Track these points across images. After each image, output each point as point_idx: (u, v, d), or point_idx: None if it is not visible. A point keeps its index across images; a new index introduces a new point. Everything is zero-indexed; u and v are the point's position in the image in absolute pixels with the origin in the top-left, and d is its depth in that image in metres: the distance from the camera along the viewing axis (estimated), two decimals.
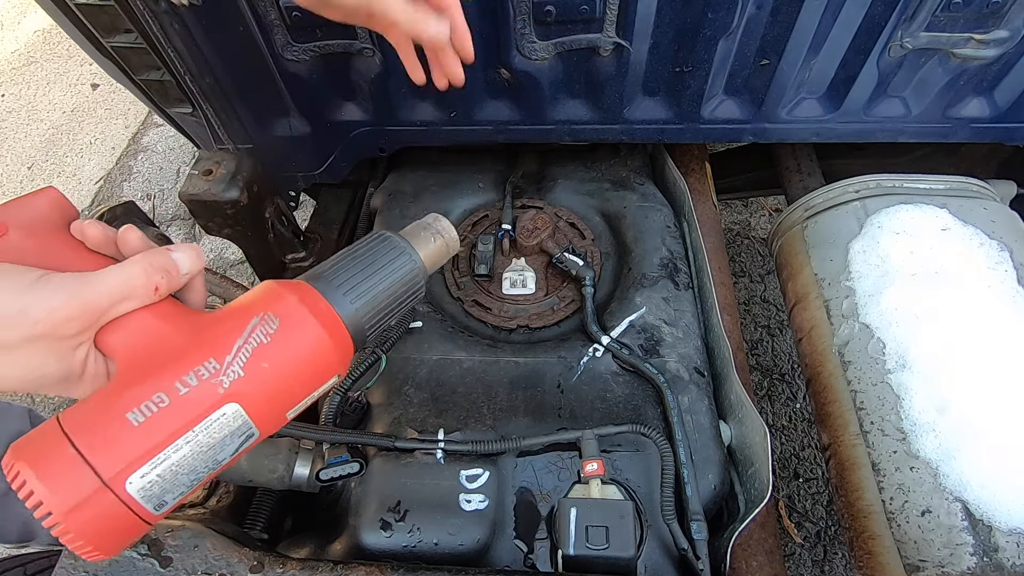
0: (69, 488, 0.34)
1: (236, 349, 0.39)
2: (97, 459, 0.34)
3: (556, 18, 0.78)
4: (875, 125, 0.93)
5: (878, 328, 0.81)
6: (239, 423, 0.39)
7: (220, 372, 0.39)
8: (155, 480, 0.36)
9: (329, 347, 0.43)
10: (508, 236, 0.92)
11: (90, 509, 0.34)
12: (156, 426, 0.36)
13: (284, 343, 0.41)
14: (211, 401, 0.38)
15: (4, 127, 2.71)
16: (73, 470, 0.34)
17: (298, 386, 0.42)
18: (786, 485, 1.50)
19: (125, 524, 0.36)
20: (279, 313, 0.42)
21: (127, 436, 0.36)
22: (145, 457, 0.36)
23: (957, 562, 0.67)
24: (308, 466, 0.67)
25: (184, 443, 0.37)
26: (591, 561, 0.61)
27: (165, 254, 0.42)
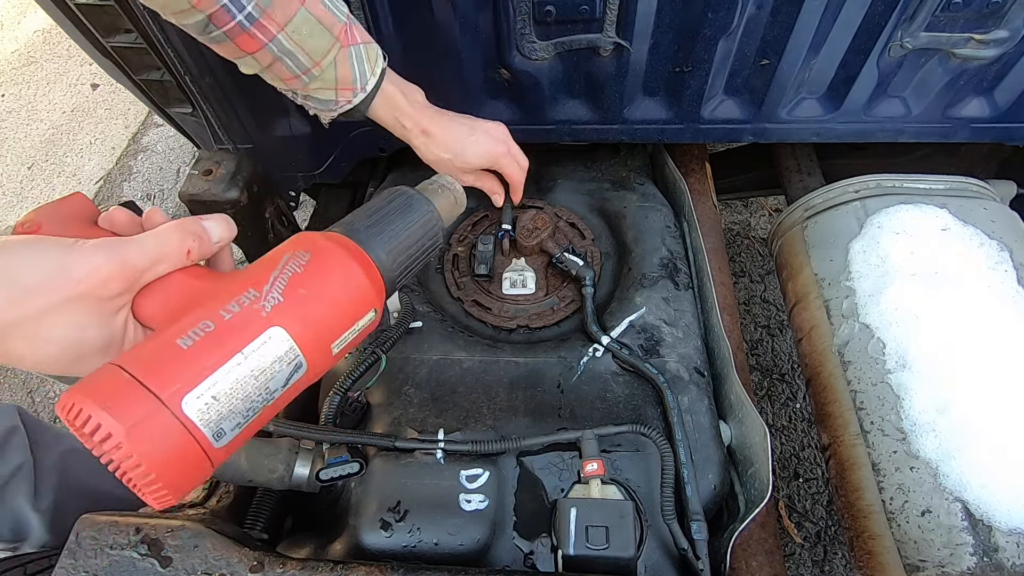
0: (128, 409, 0.33)
1: (273, 279, 0.41)
2: (152, 380, 0.35)
3: (556, 18, 0.78)
4: (875, 125, 0.93)
5: (878, 328, 0.81)
6: (285, 348, 0.40)
7: (261, 299, 0.40)
8: (211, 402, 0.36)
9: (360, 275, 0.45)
10: (508, 236, 0.92)
11: (151, 430, 0.34)
12: (206, 348, 0.37)
13: (317, 272, 0.43)
14: (256, 324, 0.39)
15: (4, 127, 2.71)
16: (130, 392, 0.34)
17: (337, 315, 0.43)
18: (786, 485, 1.50)
19: (189, 452, 0.35)
20: (309, 248, 0.44)
21: (179, 358, 0.36)
22: (199, 377, 0.36)
23: (957, 562, 0.67)
24: (308, 466, 0.67)
25: (235, 365, 0.37)
26: (591, 561, 0.61)
27: (197, 222, 0.44)
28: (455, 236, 0.97)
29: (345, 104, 0.70)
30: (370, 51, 0.68)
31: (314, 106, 0.71)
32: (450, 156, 0.78)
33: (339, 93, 0.68)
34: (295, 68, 0.64)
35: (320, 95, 0.68)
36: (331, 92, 0.68)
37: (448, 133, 0.77)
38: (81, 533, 0.60)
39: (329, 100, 0.69)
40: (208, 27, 0.59)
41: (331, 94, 0.68)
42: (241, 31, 0.59)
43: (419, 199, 0.54)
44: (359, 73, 0.68)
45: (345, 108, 0.70)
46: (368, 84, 0.69)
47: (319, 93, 0.68)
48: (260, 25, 0.59)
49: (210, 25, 0.59)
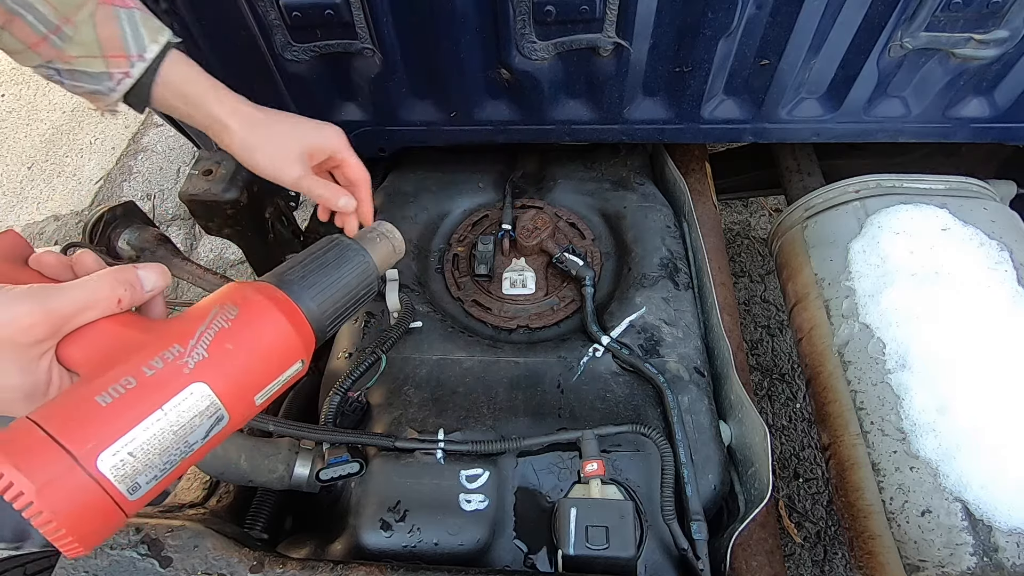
0: (40, 467, 0.33)
1: (199, 334, 0.41)
2: (67, 438, 0.34)
3: (556, 18, 0.78)
4: (875, 125, 0.93)
5: (878, 328, 0.81)
6: (207, 403, 0.40)
7: (185, 355, 0.40)
8: (127, 459, 0.36)
9: (287, 329, 0.45)
10: (508, 236, 0.92)
11: (63, 488, 0.34)
12: (124, 405, 0.37)
13: (244, 326, 0.43)
14: (178, 381, 0.39)
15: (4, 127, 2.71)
16: (43, 450, 0.34)
17: (262, 368, 0.43)
18: (786, 485, 1.50)
19: (100, 508, 0.35)
20: (237, 302, 0.44)
21: (96, 415, 0.36)
22: (115, 434, 0.36)
23: (957, 562, 0.67)
24: (308, 466, 0.67)
25: (154, 421, 0.37)
26: (591, 561, 0.61)
27: (131, 270, 0.43)
28: (455, 236, 0.97)
29: (122, 77, 0.56)
30: (148, 20, 0.58)
31: (87, 87, 0.57)
32: (270, 149, 0.63)
33: (110, 62, 0.55)
34: (39, 25, 0.53)
35: (87, 67, 0.56)
36: (99, 62, 0.55)
37: (262, 124, 0.64)
38: None
39: (100, 74, 0.56)
40: None
41: (99, 64, 0.55)
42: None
43: (355, 249, 0.54)
44: (132, 37, 0.56)
45: (125, 84, 0.57)
46: (148, 52, 0.57)
47: (85, 64, 0.55)
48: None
49: None
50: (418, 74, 0.88)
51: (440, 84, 0.89)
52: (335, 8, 0.77)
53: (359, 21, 0.80)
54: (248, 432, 0.70)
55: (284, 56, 0.85)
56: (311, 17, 0.78)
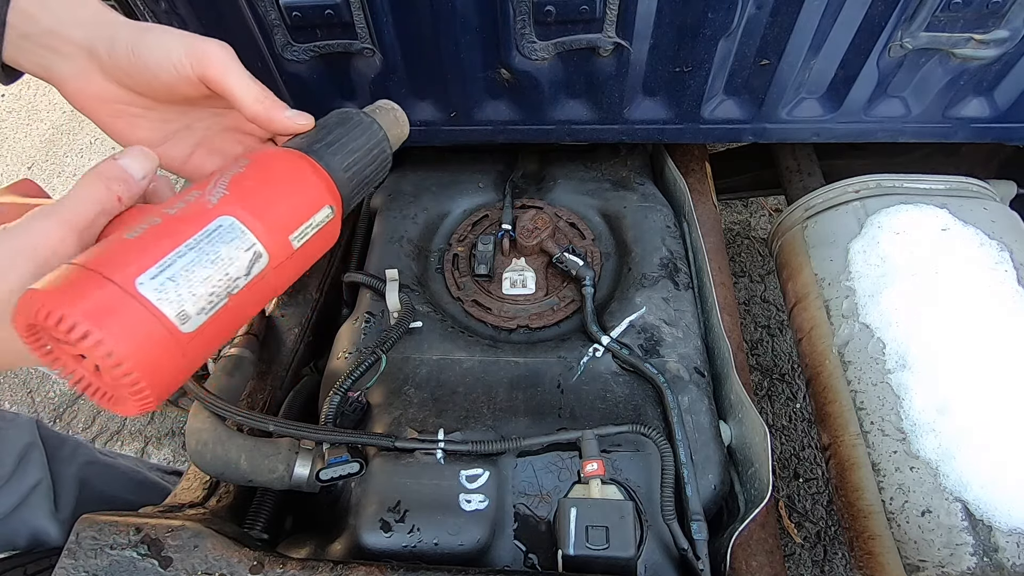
0: (85, 296, 0.33)
1: (214, 180, 0.40)
2: (104, 268, 0.34)
3: (556, 18, 0.78)
4: (875, 125, 0.93)
5: (878, 328, 0.81)
6: (238, 234, 0.39)
7: (204, 195, 0.39)
8: (167, 283, 0.36)
9: (303, 167, 0.44)
10: (508, 236, 0.92)
11: (112, 313, 0.33)
12: (154, 236, 0.37)
13: (259, 168, 0.42)
14: (203, 215, 0.38)
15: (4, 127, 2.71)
16: (85, 282, 0.34)
17: (286, 204, 0.43)
18: (786, 485, 1.50)
19: (154, 334, 0.35)
20: (247, 156, 0.44)
21: (128, 246, 0.36)
22: (150, 260, 0.36)
23: (957, 562, 0.67)
24: (308, 466, 0.67)
25: (187, 249, 0.37)
26: (591, 561, 0.61)
27: (111, 163, 0.40)
28: (455, 236, 0.97)
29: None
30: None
31: None
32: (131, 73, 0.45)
33: None
34: None
35: None
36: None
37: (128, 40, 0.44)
38: (81, 533, 0.60)
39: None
40: None
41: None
42: None
43: (359, 114, 0.52)
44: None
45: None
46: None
47: None
48: None
49: None
50: (418, 74, 0.88)
51: (440, 84, 0.89)
52: (335, 8, 0.77)
53: (359, 21, 0.80)
54: (248, 432, 0.70)
55: (284, 56, 0.85)
56: (311, 17, 0.78)
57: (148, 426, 1.76)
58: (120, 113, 0.47)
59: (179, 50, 0.44)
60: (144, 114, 0.48)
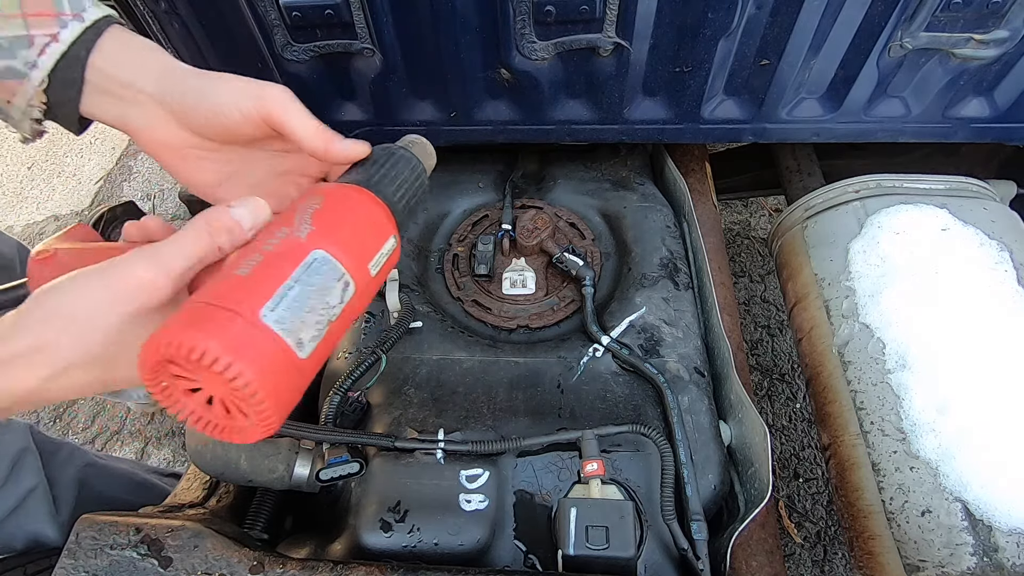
0: (219, 330, 0.36)
1: (298, 217, 0.43)
2: (231, 304, 0.37)
3: (556, 18, 0.78)
4: (875, 125, 0.93)
5: (878, 328, 0.81)
6: (331, 266, 0.43)
7: (294, 231, 0.42)
8: (284, 315, 0.39)
9: (371, 203, 0.47)
10: (508, 236, 0.92)
11: (245, 344, 0.36)
12: (263, 272, 0.40)
13: (334, 205, 0.45)
14: (299, 250, 0.42)
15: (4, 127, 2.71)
16: (216, 317, 0.37)
17: (364, 236, 0.46)
18: (786, 485, 1.50)
19: (281, 361, 0.38)
20: (319, 193, 0.46)
21: (243, 283, 0.39)
22: (267, 294, 0.39)
23: (957, 562, 0.67)
24: (308, 466, 0.67)
25: (293, 282, 0.40)
26: (591, 561, 0.61)
27: (224, 212, 0.42)
28: (455, 236, 0.97)
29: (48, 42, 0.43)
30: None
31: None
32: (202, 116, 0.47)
33: (32, 22, 0.43)
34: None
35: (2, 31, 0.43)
36: (18, 23, 0.42)
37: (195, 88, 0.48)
38: (81, 533, 0.60)
39: (16, 41, 0.43)
40: None
41: (18, 26, 0.42)
42: None
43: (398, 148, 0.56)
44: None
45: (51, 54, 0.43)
46: (88, 11, 0.44)
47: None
48: None
49: None
50: (418, 74, 0.88)
51: (440, 84, 0.89)
52: (335, 8, 0.77)
53: (359, 21, 0.80)
54: None
55: (284, 56, 0.85)
56: (311, 17, 0.78)
57: (148, 427, 1.76)
58: (187, 156, 0.50)
59: (243, 95, 0.47)
60: (208, 156, 0.50)
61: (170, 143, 0.49)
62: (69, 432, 1.78)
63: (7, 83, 0.43)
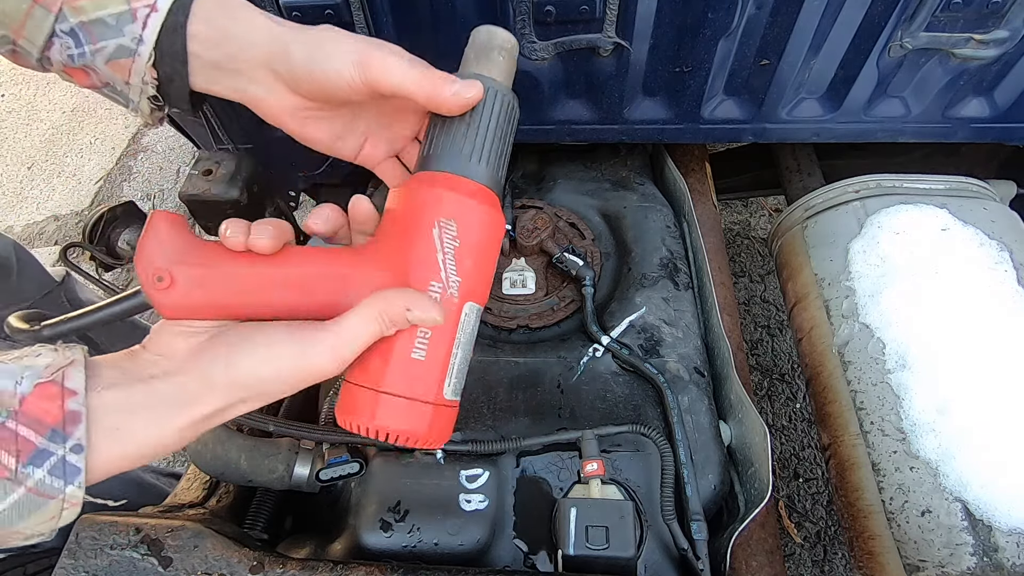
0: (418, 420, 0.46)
1: (443, 264, 0.46)
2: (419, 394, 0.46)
3: (556, 18, 0.78)
4: (875, 125, 0.93)
5: (878, 328, 0.81)
6: (475, 313, 0.48)
7: (446, 288, 0.46)
8: (454, 383, 0.48)
9: (495, 217, 0.49)
10: (508, 236, 0.92)
11: (436, 420, 0.47)
12: (435, 350, 0.46)
13: (469, 237, 0.46)
14: (454, 311, 0.46)
15: (4, 127, 2.71)
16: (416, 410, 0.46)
17: (491, 260, 0.50)
18: (786, 485, 1.50)
19: (448, 417, 0.48)
20: (450, 215, 0.46)
21: (424, 369, 0.46)
22: (444, 373, 0.46)
23: (957, 562, 0.67)
24: (308, 466, 0.67)
25: (457, 349, 0.47)
26: (591, 561, 0.61)
27: (401, 311, 0.44)
28: None
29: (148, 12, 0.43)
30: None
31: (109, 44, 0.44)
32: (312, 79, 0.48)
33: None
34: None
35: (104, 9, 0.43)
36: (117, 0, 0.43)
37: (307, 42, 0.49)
38: (81, 533, 0.60)
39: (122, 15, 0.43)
40: None
41: (118, 1, 0.43)
42: None
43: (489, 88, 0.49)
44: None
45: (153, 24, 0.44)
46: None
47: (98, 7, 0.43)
48: None
49: None
50: None
51: None
52: (335, 8, 0.77)
53: (359, 21, 0.80)
54: (248, 432, 0.70)
55: None
56: (311, 17, 0.78)
57: None
58: (303, 119, 0.51)
59: (346, 62, 0.47)
60: (322, 116, 0.52)
61: (288, 109, 0.50)
62: None
63: (121, 62, 0.44)
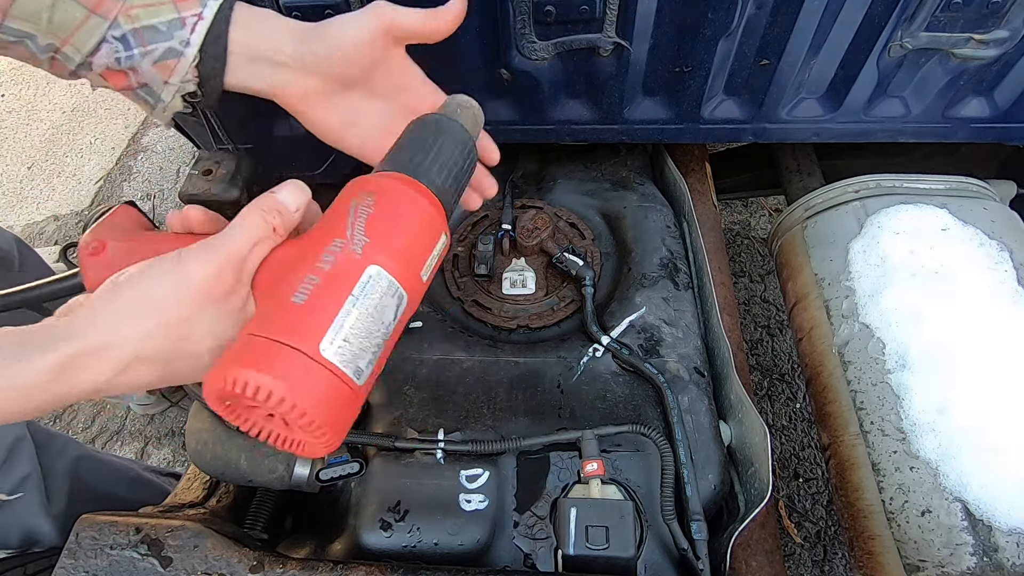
0: (280, 368, 0.37)
1: (351, 224, 0.43)
2: (289, 338, 0.38)
3: (556, 18, 0.78)
4: (875, 125, 0.93)
5: (878, 328, 0.81)
6: (387, 282, 0.42)
7: (349, 243, 0.42)
8: (343, 345, 0.39)
9: (424, 203, 0.46)
10: (508, 236, 0.92)
11: (305, 381, 0.37)
12: (320, 298, 0.40)
13: (387, 207, 0.44)
14: (355, 267, 0.41)
15: (4, 127, 2.71)
16: (276, 353, 0.37)
17: (417, 243, 0.46)
18: (786, 485, 1.50)
19: (340, 394, 0.39)
20: (371, 190, 0.45)
21: (300, 313, 0.39)
22: (325, 325, 0.39)
23: (957, 562, 0.67)
24: (308, 466, 0.67)
25: (351, 307, 0.40)
26: (591, 561, 0.61)
27: (271, 196, 0.45)
28: (455, 236, 0.97)
29: (196, 21, 0.49)
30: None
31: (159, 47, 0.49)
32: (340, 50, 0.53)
33: (180, 6, 0.49)
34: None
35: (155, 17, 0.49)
36: (167, 8, 0.49)
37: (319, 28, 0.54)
38: (81, 533, 0.60)
39: (172, 23, 0.49)
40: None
41: (168, 10, 0.49)
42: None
43: (445, 120, 0.53)
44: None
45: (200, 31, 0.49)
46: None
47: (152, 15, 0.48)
48: None
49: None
50: None
51: (439, 84, 0.89)
52: (335, 8, 0.77)
53: None
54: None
55: None
56: (311, 17, 0.78)
57: (148, 427, 1.76)
58: (319, 102, 0.55)
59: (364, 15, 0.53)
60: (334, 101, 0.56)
61: (307, 94, 0.54)
62: (69, 432, 1.78)
63: (167, 63, 0.49)
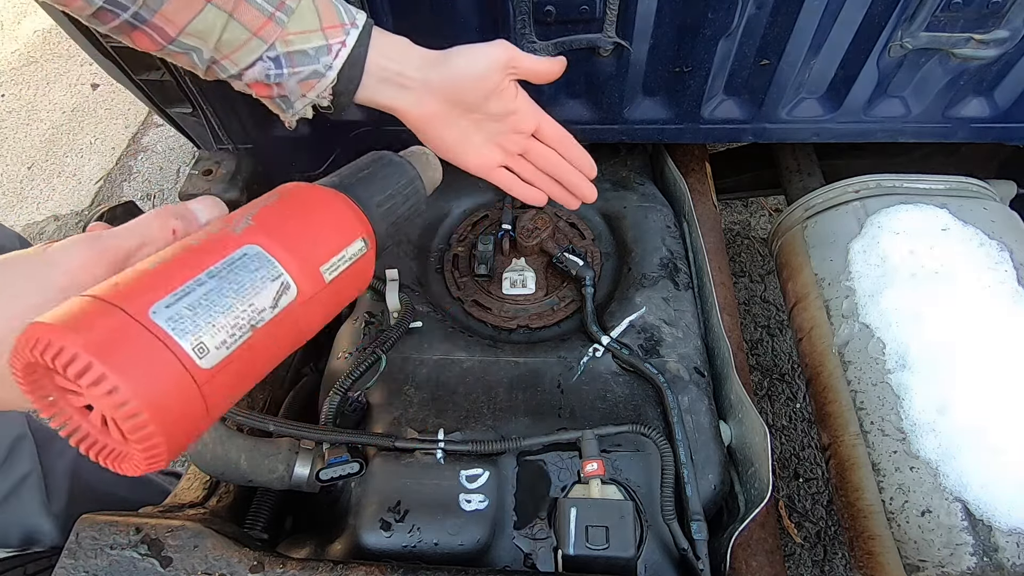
0: (88, 324, 0.29)
1: (241, 213, 0.40)
2: (115, 297, 0.31)
3: (556, 18, 0.78)
4: (875, 125, 0.93)
5: (878, 328, 0.81)
6: (265, 263, 0.37)
7: (230, 225, 0.39)
8: (184, 312, 0.32)
9: (339, 204, 0.45)
10: (508, 236, 0.92)
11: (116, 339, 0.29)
12: (173, 266, 0.35)
13: (287, 200, 0.43)
14: (227, 243, 0.37)
15: (4, 127, 2.71)
16: (92, 311, 0.30)
17: (317, 235, 0.41)
18: (786, 485, 1.50)
19: (164, 366, 0.31)
20: (278, 191, 0.44)
21: (145, 276, 0.33)
22: (167, 288, 0.33)
23: (957, 562, 0.67)
24: (308, 466, 0.67)
25: (208, 277, 0.35)
26: (591, 561, 0.61)
27: (183, 204, 0.44)
28: (455, 236, 0.97)
29: (339, 48, 0.55)
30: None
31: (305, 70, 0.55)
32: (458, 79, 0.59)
33: (328, 34, 0.54)
34: (266, 5, 0.52)
35: (306, 43, 0.54)
36: (317, 35, 0.54)
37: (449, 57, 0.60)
38: (81, 533, 0.60)
39: (319, 49, 0.54)
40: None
41: (318, 37, 0.54)
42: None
43: (391, 155, 0.55)
44: (342, 6, 0.55)
45: (342, 56, 0.55)
46: (358, 18, 0.56)
47: (304, 41, 0.54)
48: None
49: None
50: None
51: None
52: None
53: None
54: (248, 432, 0.70)
55: None
56: None
57: None
58: (438, 124, 0.62)
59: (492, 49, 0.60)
60: (452, 122, 0.62)
61: (427, 114, 0.61)
62: None
63: (310, 82, 0.56)
